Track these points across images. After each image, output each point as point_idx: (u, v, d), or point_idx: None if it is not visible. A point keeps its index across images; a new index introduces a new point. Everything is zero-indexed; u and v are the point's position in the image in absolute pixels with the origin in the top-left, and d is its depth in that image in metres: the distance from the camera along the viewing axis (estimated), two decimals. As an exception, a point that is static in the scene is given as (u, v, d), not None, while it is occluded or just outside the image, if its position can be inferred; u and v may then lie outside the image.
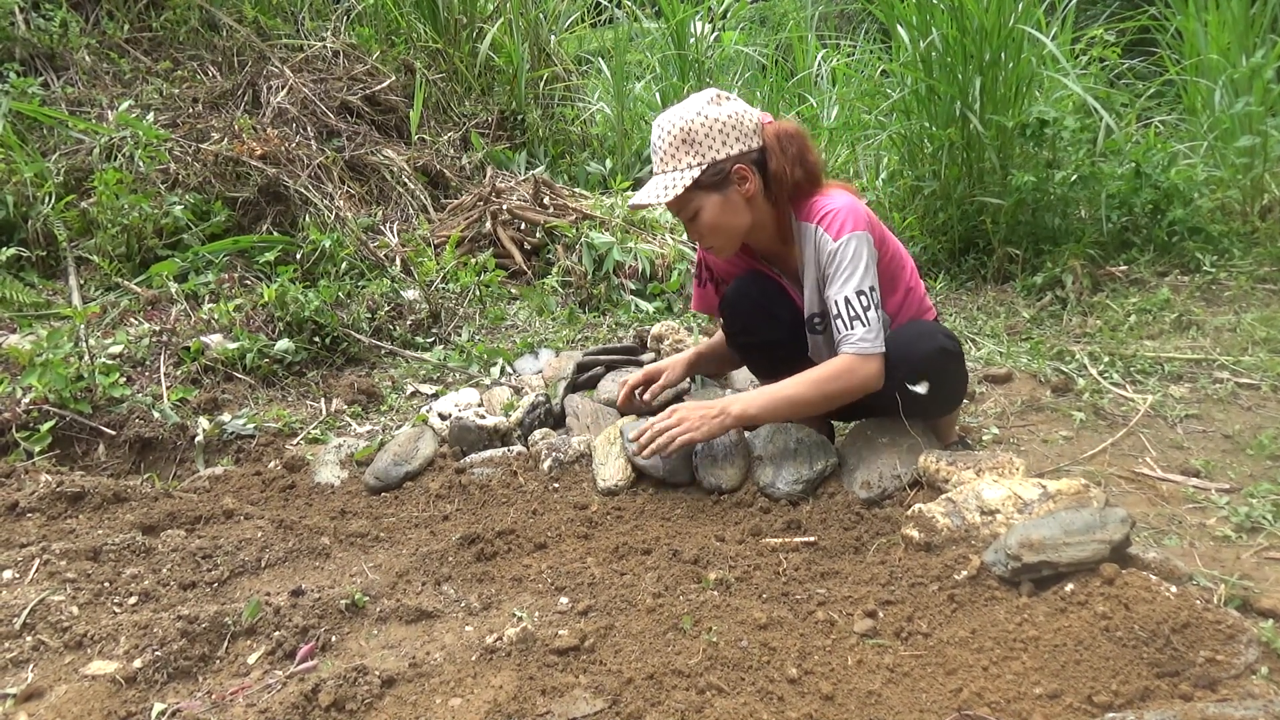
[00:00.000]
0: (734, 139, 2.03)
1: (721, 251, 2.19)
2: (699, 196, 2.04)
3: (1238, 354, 2.83)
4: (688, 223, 2.12)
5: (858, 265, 2.00)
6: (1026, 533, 1.63)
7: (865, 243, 2.01)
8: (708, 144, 2.01)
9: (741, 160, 2.04)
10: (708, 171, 2.02)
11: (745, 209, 2.08)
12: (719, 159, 2.02)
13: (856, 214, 2.03)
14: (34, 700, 1.45)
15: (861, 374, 2.03)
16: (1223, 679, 1.34)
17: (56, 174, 4.01)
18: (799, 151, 2.06)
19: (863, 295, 2.00)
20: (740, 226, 2.10)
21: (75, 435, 2.62)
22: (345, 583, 1.82)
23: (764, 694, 1.40)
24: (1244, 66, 3.91)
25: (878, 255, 2.07)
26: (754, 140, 2.05)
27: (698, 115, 2.01)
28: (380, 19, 5.86)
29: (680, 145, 2.02)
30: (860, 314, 2.01)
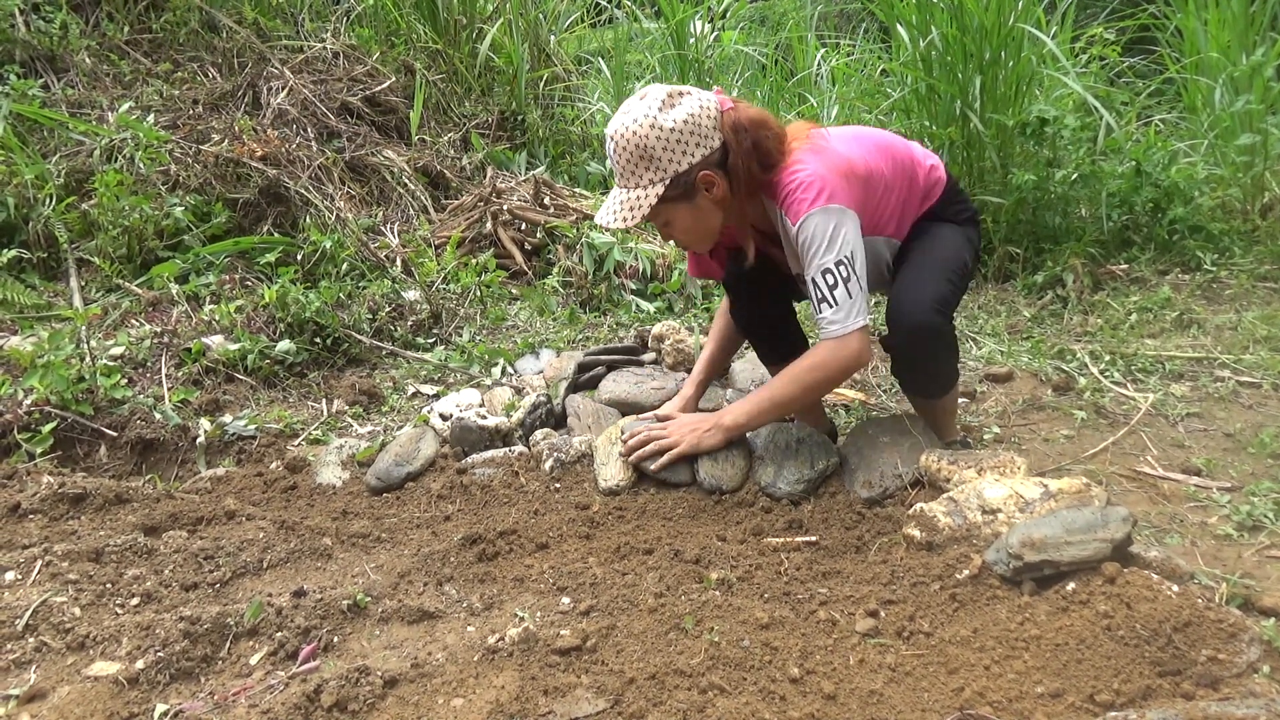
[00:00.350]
0: (693, 145, 1.94)
1: (701, 248, 2.19)
2: (666, 210, 2.00)
3: (1239, 352, 2.83)
4: (661, 229, 2.09)
5: (819, 243, 1.94)
6: (1028, 532, 1.63)
7: (824, 217, 1.93)
8: (667, 158, 1.93)
9: (705, 166, 1.96)
10: (671, 186, 1.95)
11: (716, 210, 2.03)
12: (681, 171, 1.94)
13: (813, 185, 1.94)
14: (36, 701, 1.45)
15: (840, 358, 2.00)
16: (1225, 678, 1.34)
17: (57, 176, 4.01)
18: (754, 142, 1.97)
19: (828, 273, 1.95)
20: (714, 227, 2.07)
21: (77, 437, 2.62)
22: (347, 583, 1.82)
23: (766, 693, 1.41)
24: (1244, 64, 3.91)
25: (853, 215, 1.98)
26: (714, 139, 1.96)
27: (652, 130, 1.91)
28: (380, 20, 5.86)
29: (638, 162, 1.94)
30: (827, 294, 1.96)
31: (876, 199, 2.12)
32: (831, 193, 1.95)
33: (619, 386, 2.70)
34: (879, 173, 2.12)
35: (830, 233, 1.94)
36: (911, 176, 2.21)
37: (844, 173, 2.00)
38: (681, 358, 2.91)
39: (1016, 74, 3.78)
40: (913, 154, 2.24)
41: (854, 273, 1.96)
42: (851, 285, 1.96)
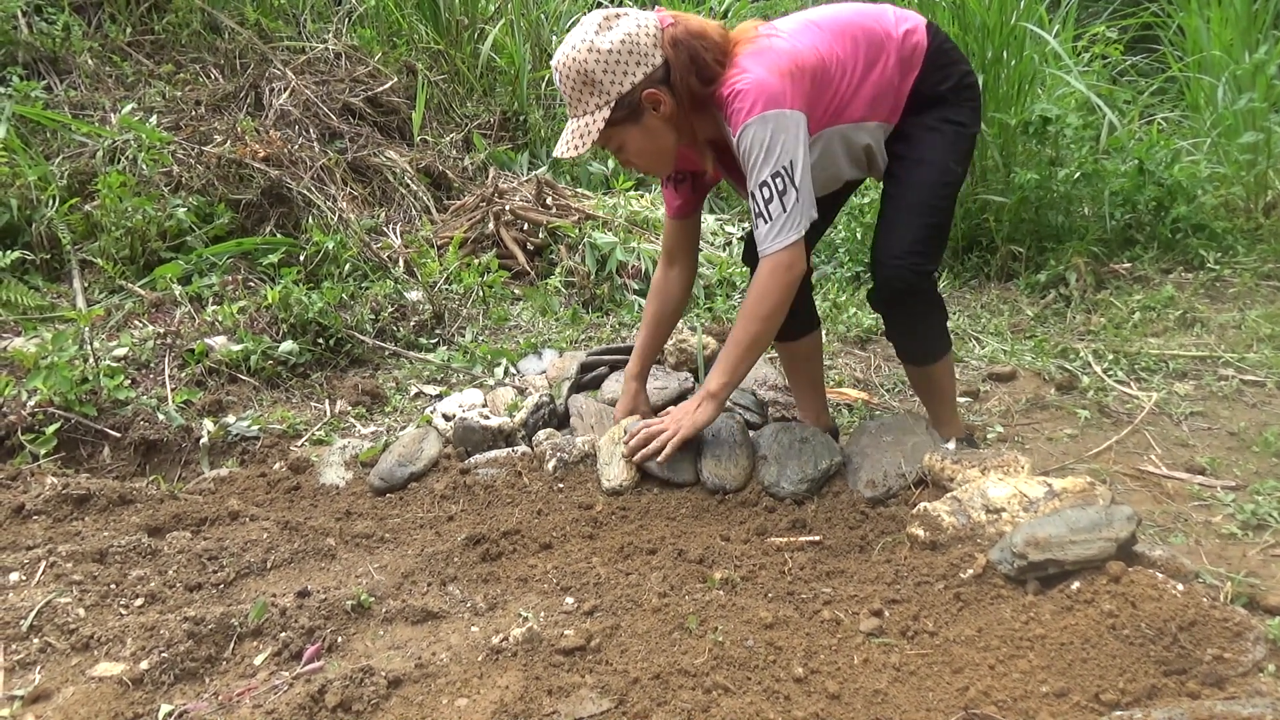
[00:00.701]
0: (633, 65, 1.92)
1: (662, 170, 2.16)
2: (616, 133, 1.98)
3: (1242, 351, 2.83)
4: (616, 155, 2.07)
5: (757, 154, 1.90)
6: (1032, 531, 1.63)
7: (760, 125, 1.88)
8: (608, 80, 1.91)
9: (648, 85, 1.93)
10: (617, 109, 1.93)
11: (667, 129, 2.00)
12: (624, 92, 1.92)
13: (749, 93, 1.89)
14: (41, 702, 1.45)
15: (776, 278, 1.97)
16: (1230, 676, 1.34)
17: (60, 177, 4.01)
18: (690, 56, 1.93)
19: (765, 187, 1.92)
20: (668, 147, 2.04)
21: (80, 438, 2.62)
22: (351, 583, 1.82)
23: (770, 693, 1.41)
24: (1247, 62, 3.90)
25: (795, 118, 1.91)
26: (654, 56, 1.93)
27: (590, 51, 1.90)
28: (382, 21, 5.87)
29: (582, 88, 1.93)
30: (763, 208, 1.93)
31: (836, 87, 2.03)
32: (770, 97, 1.89)
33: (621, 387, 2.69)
34: (834, 58, 2.02)
35: (768, 142, 1.89)
36: (883, 51, 2.07)
37: (787, 71, 1.93)
38: (684, 357, 2.91)
39: (1019, 73, 3.78)
40: (883, 25, 2.10)
41: (790, 183, 1.91)
42: (787, 198, 1.92)
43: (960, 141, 2.13)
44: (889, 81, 2.08)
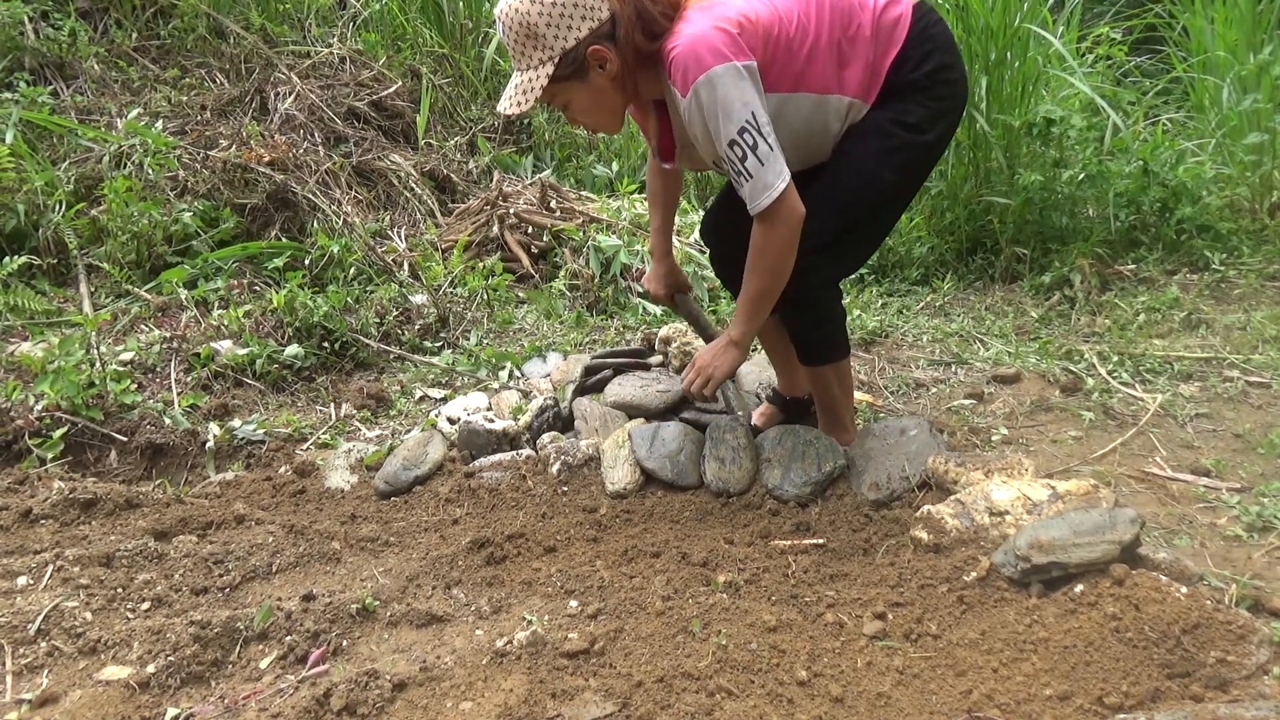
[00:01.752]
0: (578, 19, 1.85)
1: (610, 129, 2.07)
2: (562, 90, 1.92)
3: (1248, 352, 2.82)
4: (563, 112, 2.02)
5: (714, 113, 1.82)
6: (1036, 534, 1.63)
7: (713, 84, 1.80)
8: (552, 34, 1.84)
9: (594, 40, 1.86)
10: (561, 64, 1.86)
11: (614, 88, 1.93)
12: (568, 47, 1.85)
13: (697, 51, 1.80)
14: (49, 705, 1.46)
15: (778, 229, 1.90)
16: (1234, 679, 1.34)
17: (66, 182, 4.03)
18: (637, 10, 1.87)
19: (735, 145, 1.83)
20: (615, 105, 1.97)
21: (87, 442, 2.64)
22: (356, 587, 1.83)
23: (774, 696, 1.41)
24: (1252, 63, 3.89)
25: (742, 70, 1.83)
26: (601, 10, 1.86)
27: (533, 4, 1.82)
28: (386, 25, 5.88)
29: (526, 41, 1.86)
30: (740, 169, 1.85)
31: (794, 50, 1.92)
32: (715, 52, 1.80)
33: (625, 390, 2.70)
34: (792, 18, 1.93)
35: (723, 99, 1.81)
36: (854, 19, 1.97)
37: (735, 24, 1.85)
38: (688, 360, 2.91)
39: (1023, 74, 3.78)
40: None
41: (758, 135, 1.83)
42: (760, 150, 1.84)
43: (906, 152, 2.00)
44: (861, 54, 1.96)
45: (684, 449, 2.28)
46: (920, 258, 4.03)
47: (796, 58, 1.93)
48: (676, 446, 2.28)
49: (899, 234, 4.11)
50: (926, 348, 3.25)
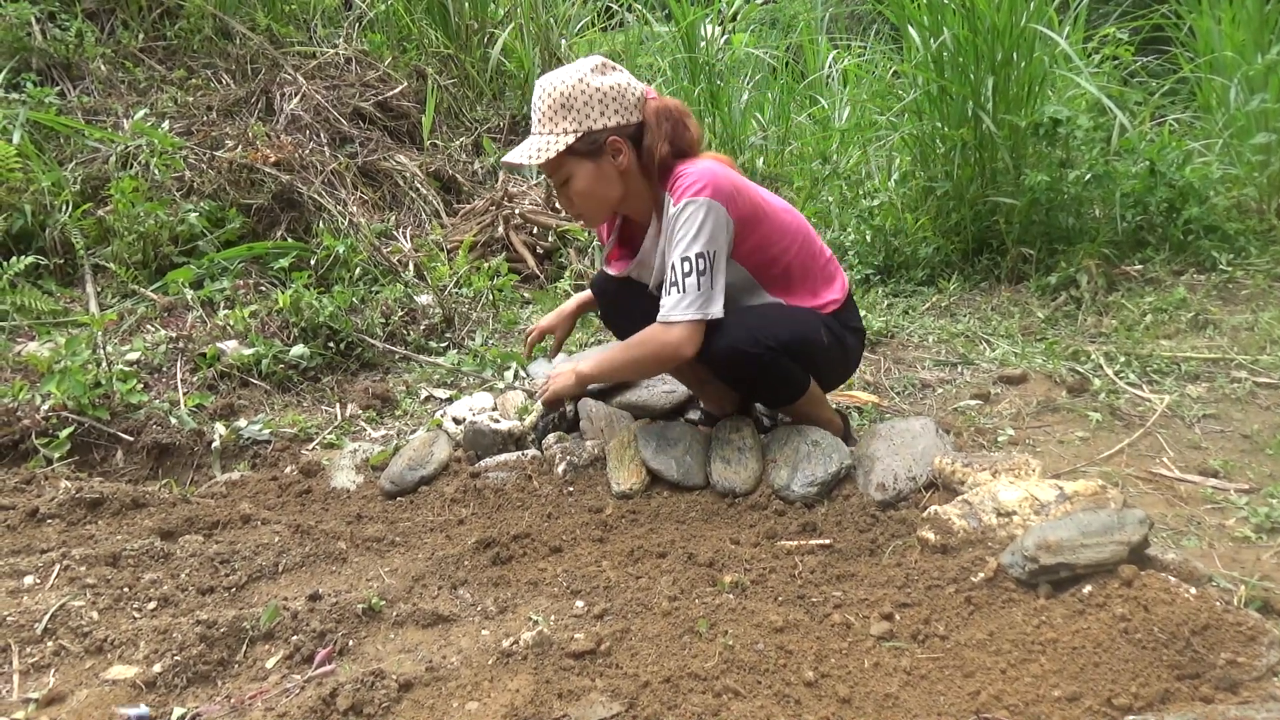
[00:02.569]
0: (613, 110, 2.04)
1: (590, 220, 2.22)
2: (571, 163, 2.06)
3: (1255, 353, 2.81)
4: (558, 187, 2.14)
5: (690, 229, 1.99)
6: (1044, 534, 1.62)
7: (705, 208, 1.99)
8: (586, 111, 2.02)
9: (618, 133, 2.06)
10: (583, 139, 2.03)
11: (618, 181, 2.10)
12: (595, 128, 2.03)
13: (705, 181, 2.00)
14: (55, 705, 1.46)
15: (661, 341, 2.05)
16: (1244, 681, 1.33)
17: (73, 183, 4.04)
18: (673, 127, 2.08)
19: (686, 261, 2.00)
20: (611, 197, 2.12)
21: (94, 442, 2.64)
22: (362, 587, 1.83)
23: (780, 697, 1.40)
24: (1259, 63, 3.88)
25: (729, 222, 2.04)
26: (634, 115, 2.07)
27: (580, 82, 2.02)
28: (392, 25, 5.89)
29: (559, 109, 2.02)
30: (679, 280, 2.01)
31: (764, 235, 2.15)
32: (719, 191, 2.00)
33: (631, 390, 2.70)
34: (774, 215, 2.17)
35: (702, 222, 1.98)
36: (808, 243, 2.24)
37: (736, 187, 2.06)
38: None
39: (1029, 74, 3.77)
40: (819, 241, 2.30)
41: (711, 268, 2.01)
42: (704, 279, 2.00)
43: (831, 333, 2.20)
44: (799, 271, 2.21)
45: (690, 449, 2.27)
46: (926, 258, 4.02)
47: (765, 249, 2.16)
48: (683, 447, 2.27)
49: (905, 235, 4.10)
50: (932, 348, 3.25)
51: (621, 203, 2.16)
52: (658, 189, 2.13)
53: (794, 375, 2.18)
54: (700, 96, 5.36)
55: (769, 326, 2.09)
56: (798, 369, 2.18)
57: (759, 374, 2.12)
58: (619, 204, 2.16)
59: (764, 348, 2.06)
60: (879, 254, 4.14)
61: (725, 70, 5.71)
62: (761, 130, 5.93)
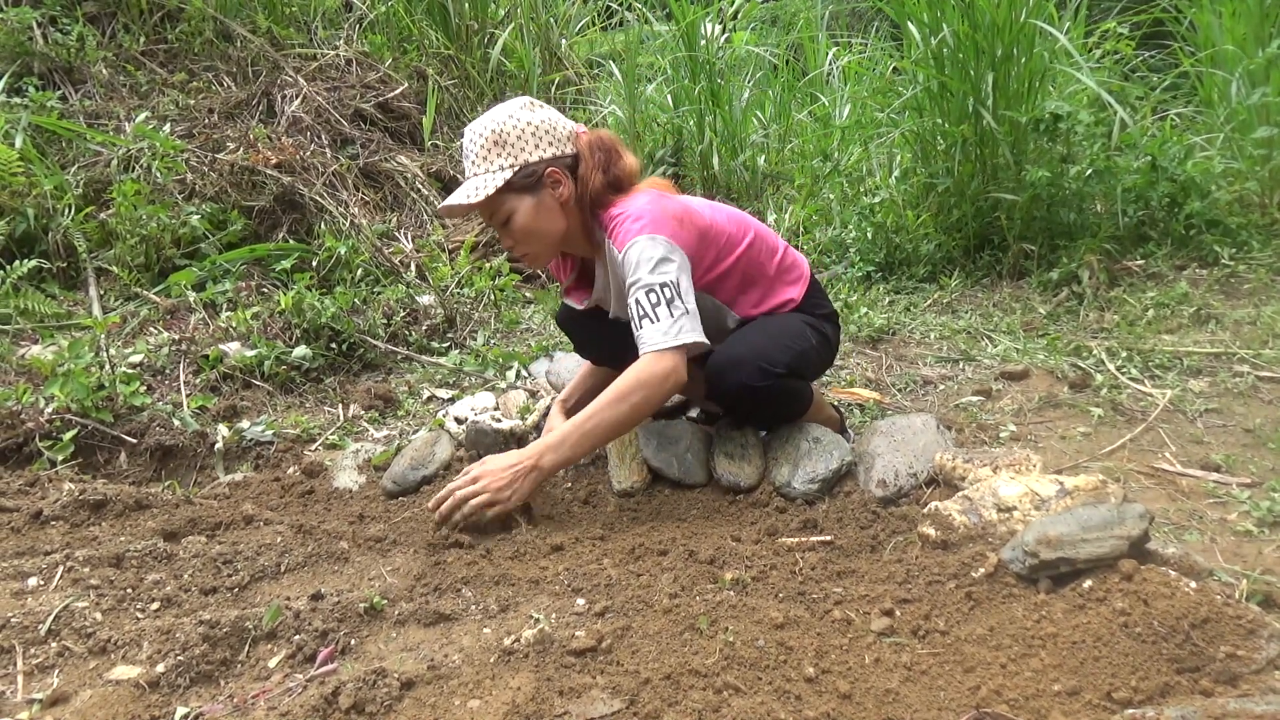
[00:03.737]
0: (546, 143, 2.04)
1: (537, 259, 2.16)
2: (511, 199, 2.03)
3: (1258, 347, 2.81)
4: (500, 228, 2.09)
5: (642, 267, 1.95)
6: (1044, 529, 1.62)
7: (650, 244, 1.95)
8: (519, 145, 2.01)
9: (554, 164, 2.04)
10: (520, 173, 2.01)
11: (559, 214, 2.07)
12: (531, 161, 2.02)
13: (641, 218, 1.99)
14: (60, 705, 1.47)
15: (653, 372, 1.93)
16: (1244, 674, 1.33)
17: (76, 186, 4.06)
18: (606, 157, 2.08)
19: (651, 292, 1.94)
20: (554, 232, 2.08)
21: (97, 444, 2.65)
22: (364, 586, 1.83)
23: (781, 693, 1.40)
24: (1260, 57, 3.87)
25: (677, 249, 1.99)
26: (567, 146, 2.07)
27: (509, 119, 2.02)
28: (392, 26, 5.90)
29: (492, 148, 2.01)
30: (649, 310, 1.94)
31: (717, 252, 2.16)
32: (659, 227, 1.98)
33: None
34: (721, 229, 2.17)
35: (655, 259, 1.95)
36: (762, 246, 2.24)
37: (678, 217, 2.05)
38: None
39: (1029, 70, 3.76)
40: (770, 234, 2.30)
41: (679, 295, 1.95)
42: (675, 305, 1.94)
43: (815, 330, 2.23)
44: (759, 275, 2.23)
45: (691, 447, 2.28)
46: (927, 255, 4.02)
47: (720, 264, 2.17)
48: (684, 444, 2.28)
49: (906, 232, 4.10)
50: (934, 345, 3.25)
51: (565, 238, 2.13)
52: (591, 225, 2.12)
53: (801, 392, 2.21)
54: (701, 95, 5.36)
55: (770, 352, 2.08)
56: (803, 384, 2.21)
57: (771, 402, 2.13)
58: (562, 239, 2.13)
59: (774, 376, 2.06)
60: (880, 251, 4.14)
61: (726, 69, 5.71)
62: (762, 128, 5.93)
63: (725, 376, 2.08)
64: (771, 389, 2.07)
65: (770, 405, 2.17)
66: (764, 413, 2.24)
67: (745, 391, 2.07)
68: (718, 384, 2.11)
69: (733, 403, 2.18)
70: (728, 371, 2.08)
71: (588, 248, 2.20)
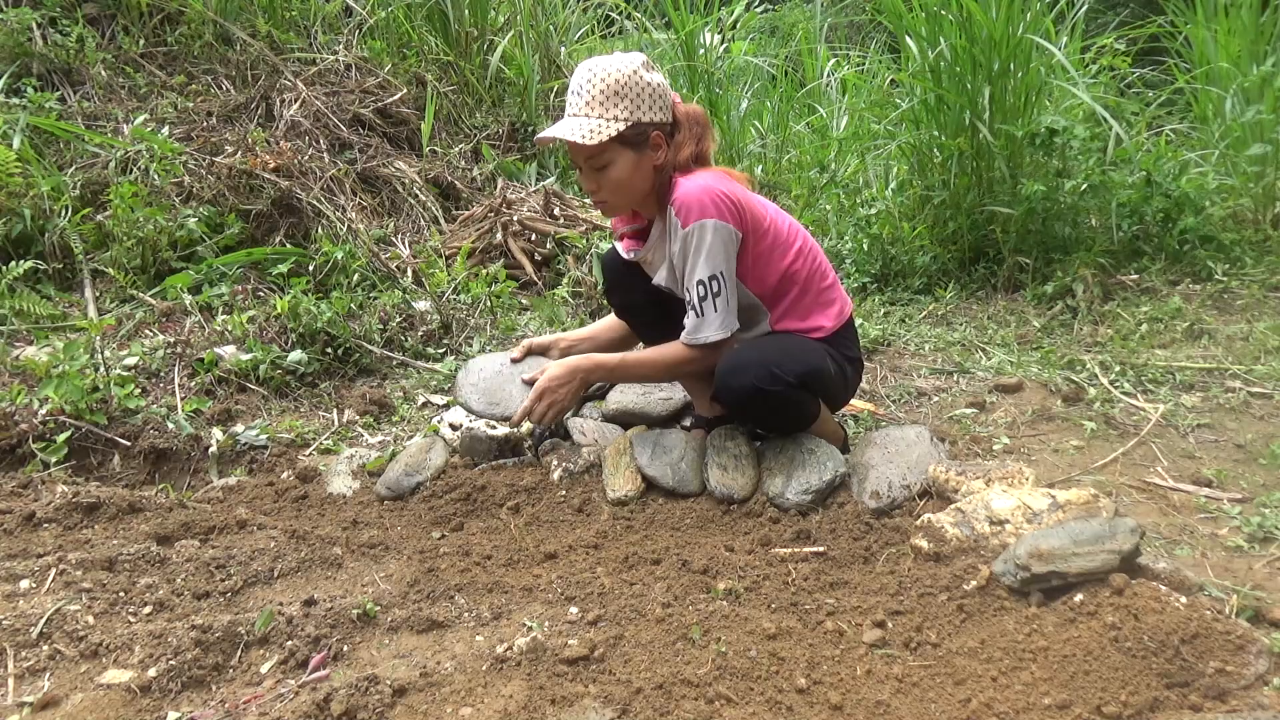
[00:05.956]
0: (658, 107, 2.12)
1: (612, 210, 2.29)
2: (616, 150, 2.11)
3: (1250, 363, 2.82)
4: (593, 172, 2.16)
5: (700, 253, 2.08)
6: (1035, 543, 1.63)
7: (712, 230, 2.07)
8: (638, 103, 2.09)
9: (660, 129, 2.13)
10: (632, 128, 2.09)
11: (650, 175, 2.16)
12: (644, 120, 2.10)
13: (706, 199, 2.07)
14: (50, 709, 1.46)
15: (688, 357, 2.20)
16: (1232, 690, 1.34)
17: (73, 187, 4.05)
18: (700, 133, 2.18)
19: (701, 285, 2.11)
20: (641, 189, 2.18)
21: (91, 446, 2.64)
22: (357, 592, 1.83)
23: (773, 704, 1.41)
24: (1255, 74, 3.90)
25: (735, 237, 2.12)
26: (669, 114, 2.16)
27: (634, 74, 2.08)
28: (392, 32, 5.91)
29: (611, 96, 2.08)
30: (696, 304, 2.13)
31: (764, 249, 2.20)
32: (721, 210, 2.08)
33: (626, 396, 2.71)
34: (778, 231, 2.23)
35: (709, 246, 2.08)
36: (811, 263, 2.28)
37: (743, 205, 2.14)
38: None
39: (1025, 84, 3.79)
40: (823, 258, 2.36)
41: (724, 287, 2.12)
42: (719, 300, 2.12)
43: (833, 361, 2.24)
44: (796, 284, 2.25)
45: (685, 456, 2.28)
46: (923, 267, 4.04)
47: (766, 267, 2.22)
48: (678, 454, 2.28)
49: (902, 243, 4.11)
50: (929, 356, 3.26)
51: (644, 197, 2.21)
52: (666, 191, 2.18)
53: (808, 405, 2.23)
54: (699, 104, 5.38)
55: (783, 361, 2.11)
56: (812, 400, 2.22)
57: (777, 408, 2.15)
58: (643, 198, 2.21)
59: (784, 384, 2.08)
60: (876, 262, 4.15)
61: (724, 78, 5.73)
62: (760, 138, 5.95)
63: (735, 377, 2.11)
64: (780, 394, 2.09)
65: (775, 412, 2.18)
66: (769, 418, 2.25)
67: (754, 394, 2.09)
68: (726, 384, 2.13)
69: (739, 404, 2.18)
70: (738, 372, 2.11)
71: (654, 209, 2.27)
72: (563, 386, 2.28)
